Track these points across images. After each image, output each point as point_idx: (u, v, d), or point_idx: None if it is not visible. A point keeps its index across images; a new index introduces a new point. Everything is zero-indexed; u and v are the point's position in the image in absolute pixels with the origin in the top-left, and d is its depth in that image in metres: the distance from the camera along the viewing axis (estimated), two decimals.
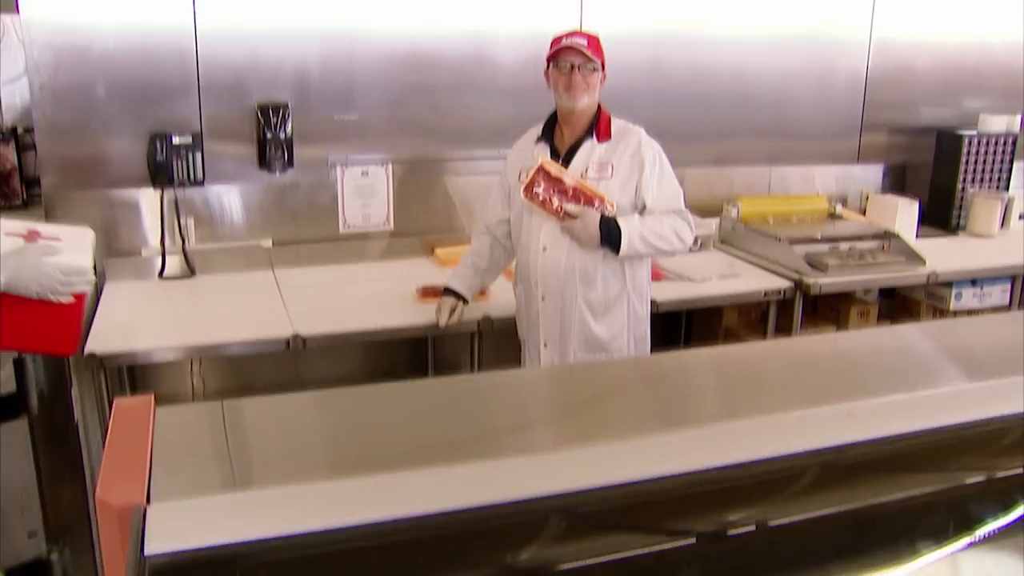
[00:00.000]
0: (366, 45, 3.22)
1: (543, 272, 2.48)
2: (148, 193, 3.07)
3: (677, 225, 2.45)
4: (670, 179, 2.48)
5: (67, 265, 1.99)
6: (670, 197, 2.47)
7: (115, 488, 0.88)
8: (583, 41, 2.41)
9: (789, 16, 3.93)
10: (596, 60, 2.40)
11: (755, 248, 3.55)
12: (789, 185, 4.09)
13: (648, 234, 2.41)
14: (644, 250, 2.44)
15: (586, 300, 2.47)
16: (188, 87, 3.05)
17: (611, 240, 2.39)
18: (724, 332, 3.72)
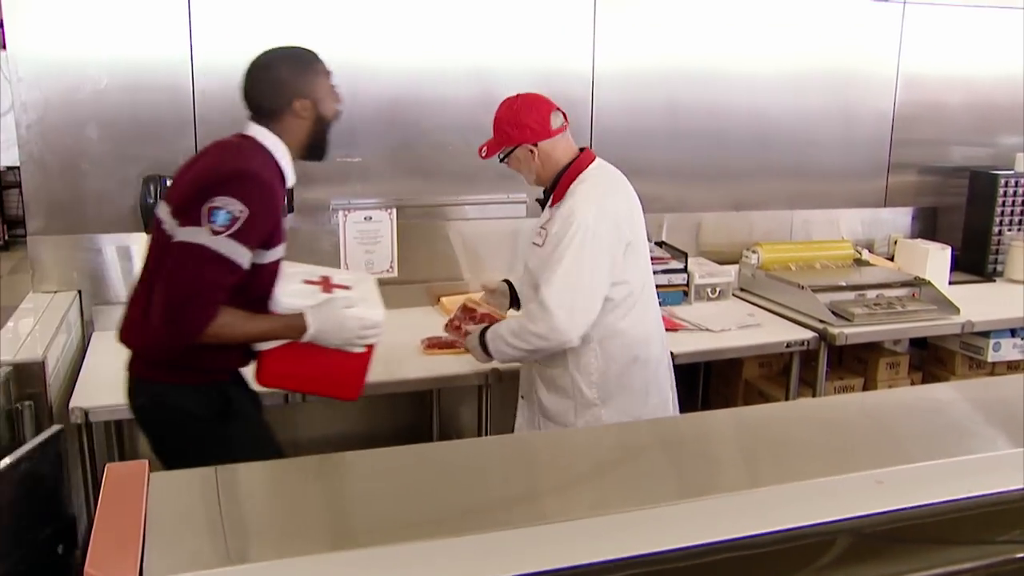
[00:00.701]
0: (368, 83, 3.27)
1: None
2: (140, 239, 3.10)
3: (527, 318, 2.30)
4: (556, 255, 2.25)
5: (365, 319, 2.14)
6: (542, 269, 2.28)
7: (106, 564, 0.88)
8: (491, 134, 2.41)
9: (811, 51, 3.97)
10: (501, 152, 2.39)
11: (777, 296, 3.56)
12: (812, 230, 4.11)
13: (508, 336, 2.34)
14: (512, 352, 2.37)
15: (537, 368, 2.48)
16: (184, 127, 3.10)
17: (486, 348, 2.41)
18: (744, 385, 3.73)
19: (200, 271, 1.93)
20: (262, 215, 1.97)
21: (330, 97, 2.16)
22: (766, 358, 3.69)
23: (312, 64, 2.15)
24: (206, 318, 1.94)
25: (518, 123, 2.35)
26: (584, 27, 3.57)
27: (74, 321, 3.00)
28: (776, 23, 3.89)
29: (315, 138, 2.16)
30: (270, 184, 2.03)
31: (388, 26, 3.28)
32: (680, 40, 3.75)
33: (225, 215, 1.91)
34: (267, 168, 2.06)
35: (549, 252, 2.28)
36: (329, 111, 2.16)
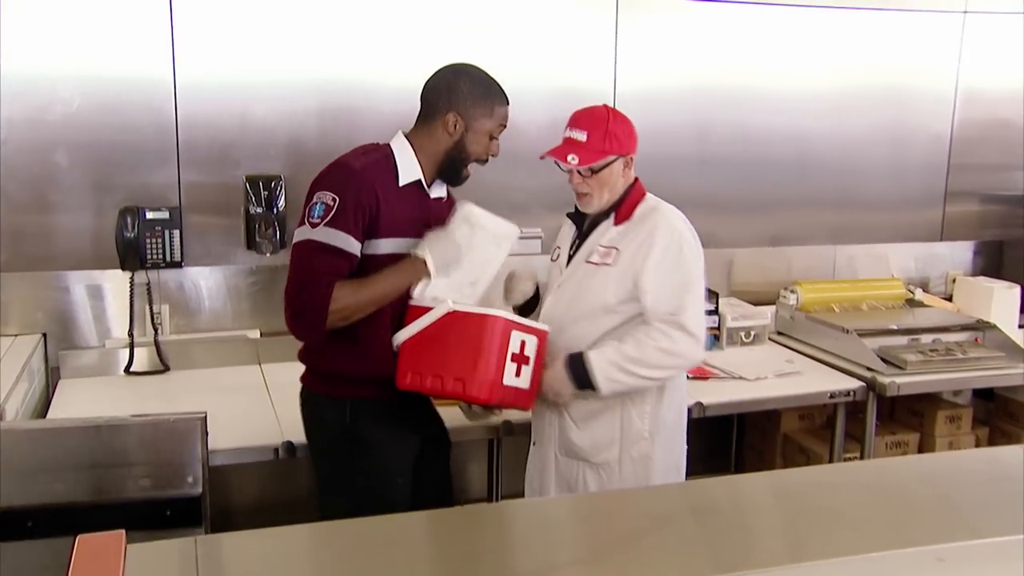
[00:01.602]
0: (370, 103, 3.31)
1: (547, 320, 2.48)
2: (115, 276, 3.13)
3: (666, 343, 2.30)
4: (679, 278, 2.34)
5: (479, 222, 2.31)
6: (667, 300, 2.32)
7: None
8: (581, 135, 2.37)
9: (857, 67, 3.99)
10: (598, 162, 2.35)
11: (818, 341, 3.56)
12: (858, 267, 4.12)
13: (626, 363, 2.29)
14: (632, 381, 2.31)
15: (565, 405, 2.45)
16: (165, 153, 3.14)
17: (584, 380, 2.31)
18: (783, 439, 3.71)
19: (309, 262, 2.21)
20: (355, 201, 2.21)
21: (484, 136, 2.35)
22: (807, 410, 3.67)
23: (491, 100, 2.36)
24: (322, 300, 2.18)
25: (630, 133, 2.41)
26: (605, 43, 3.62)
27: (37, 368, 3.01)
28: (817, 37, 3.92)
29: (450, 159, 2.35)
30: (361, 173, 2.25)
31: (393, 44, 3.33)
32: (710, 57, 3.79)
33: (320, 207, 2.21)
34: (369, 162, 2.30)
35: (664, 268, 2.33)
36: (474, 146, 2.35)
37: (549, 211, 2.64)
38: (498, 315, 2.18)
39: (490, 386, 2.18)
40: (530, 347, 2.24)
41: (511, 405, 2.30)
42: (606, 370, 2.29)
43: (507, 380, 2.21)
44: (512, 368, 2.21)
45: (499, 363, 2.18)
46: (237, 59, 3.17)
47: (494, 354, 2.17)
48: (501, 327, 2.18)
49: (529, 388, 2.26)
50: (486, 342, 2.17)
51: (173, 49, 3.11)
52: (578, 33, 3.58)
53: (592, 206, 2.42)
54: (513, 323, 2.22)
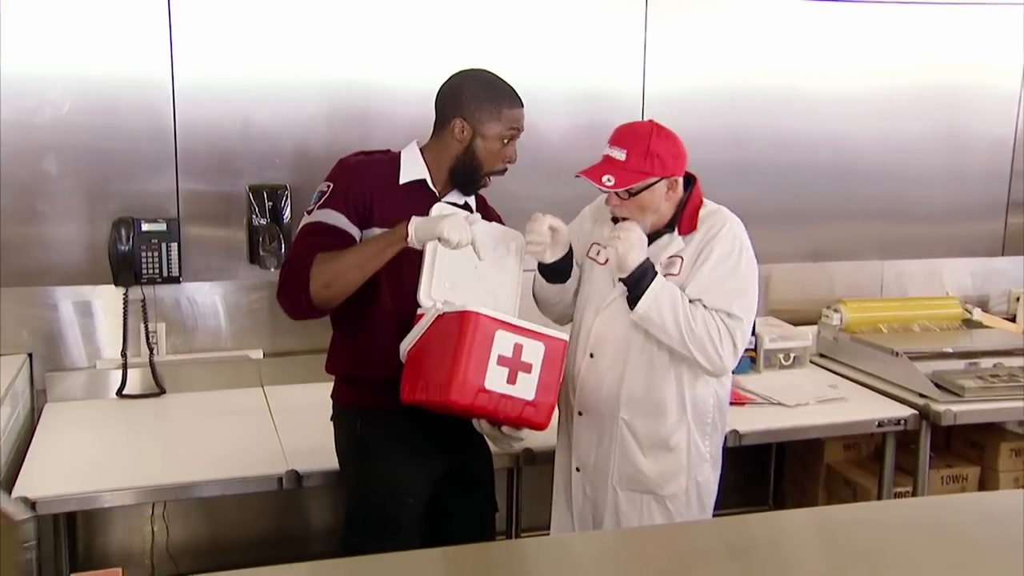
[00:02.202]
0: (384, 108, 3.34)
1: (584, 382, 2.50)
2: (107, 292, 3.16)
3: (714, 326, 2.33)
4: (734, 285, 2.38)
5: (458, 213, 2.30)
6: (723, 294, 2.36)
7: None
8: (620, 153, 2.35)
9: (908, 65, 3.97)
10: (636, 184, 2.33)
11: (865, 365, 3.55)
12: (909, 284, 4.10)
13: (679, 306, 2.31)
14: (663, 320, 2.32)
15: (629, 426, 2.46)
16: (163, 159, 3.16)
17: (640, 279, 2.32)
18: (827, 471, 3.70)
19: (300, 242, 2.39)
20: (347, 187, 2.38)
21: (495, 141, 2.40)
22: (853, 439, 3.66)
23: (498, 103, 2.41)
24: (304, 268, 2.31)
25: (676, 152, 2.39)
26: (633, 42, 3.63)
27: (22, 391, 3.03)
28: (864, 33, 3.91)
29: (462, 166, 2.43)
30: (356, 166, 2.45)
31: (408, 44, 3.35)
32: (747, 56, 3.79)
33: (315, 195, 2.41)
34: (368, 159, 2.48)
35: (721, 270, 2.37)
36: (485, 152, 2.41)
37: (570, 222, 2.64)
38: (478, 312, 2.17)
39: (468, 389, 2.15)
40: (532, 353, 2.21)
41: (515, 420, 2.25)
42: (662, 294, 2.31)
43: (493, 385, 2.17)
44: (500, 372, 2.18)
45: (478, 363, 2.15)
46: (240, 59, 3.20)
47: (471, 353, 2.14)
48: (477, 324, 2.16)
49: (535, 400, 2.22)
50: (464, 340, 2.15)
51: (171, 48, 3.14)
52: (604, 32, 3.59)
53: (642, 226, 2.39)
54: (500, 322, 2.19)
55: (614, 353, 2.44)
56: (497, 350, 2.17)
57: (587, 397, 2.49)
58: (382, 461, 2.44)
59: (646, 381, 2.43)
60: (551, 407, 2.26)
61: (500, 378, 2.18)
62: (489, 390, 2.17)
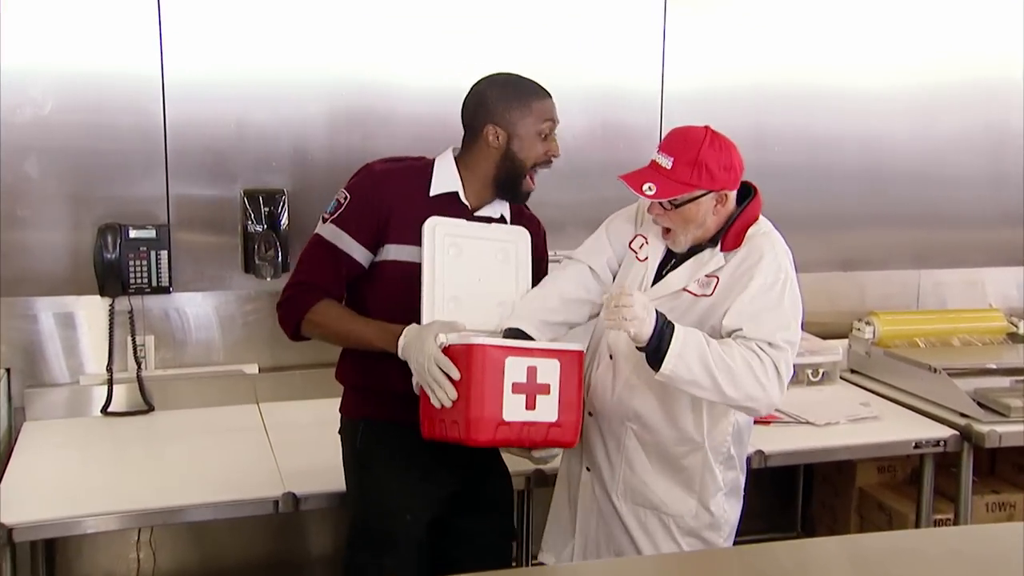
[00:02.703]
0: (389, 106, 3.35)
1: (597, 382, 2.50)
2: (92, 303, 3.17)
3: (756, 359, 2.25)
4: (777, 317, 2.31)
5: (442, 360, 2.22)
6: (764, 324, 2.29)
7: None
8: (667, 161, 2.29)
9: (945, 59, 3.97)
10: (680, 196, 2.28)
11: (900, 382, 3.55)
12: (947, 295, 4.11)
13: (709, 357, 2.21)
14: (699, 379, 2.23)
15: (639, 437, 2.46)
16: (152, 160, 3.17)
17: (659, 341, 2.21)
18: (859, 495, 3.70)
19: (311, 256, 2.47)
20: (363, 202, 2.42)
21: (533, 139, 2.44)
22: (888, 462, 3.65)
23: (525, 98, 2.45)
24: (305, 303, 2.42)
25: (728, 165, 2.32)
26: (651, 37, 3.65)
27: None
28: (898, 25, 3.92)
29: (504, 173, 2.46)
30: (379, 175, 2.47)
31: (415, 39, 3.36)
32: (771, 51, 3.81)
33: (334, 203, 2.46)
34: (397, 167, 2.50)
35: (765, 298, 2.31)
36: (525, 151, 2.44)
37: (587, 229, 2.62)
38: (484, 343, 2.20)
39: (487, 425, 2.18)
40: (547, 372, 2.24)
41: (541, 444, 2.29)
42: (686, 350, 2.21)
43: (512, 415, 2.20)
44: (517, 401, 2.20)
45: (493, 397, 2.18)
46: (235, 54, 3.21)
47: (484, 388, 2.17)
48: (487, 357, 2.18)
49: (559, 420, 2.25)
50: (474, 376, 2.18)
51: (161, 42, 3.15)
52: (620, 26, 3.60)
53: (678, 243, 2.37)
54: (508, 349, 2.22)
55: (635, 361, 2.38)
56: (510, 378, 2.19)
57: (598, 399, 2.49)
58: (380, 475, 2.47)
59: (662, 395, 2.40)
60: (577, 423, 2.29)
61: (519, 406, 2.20)
62: (509, 421, 2.20)
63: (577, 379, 2.28)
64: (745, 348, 2.26)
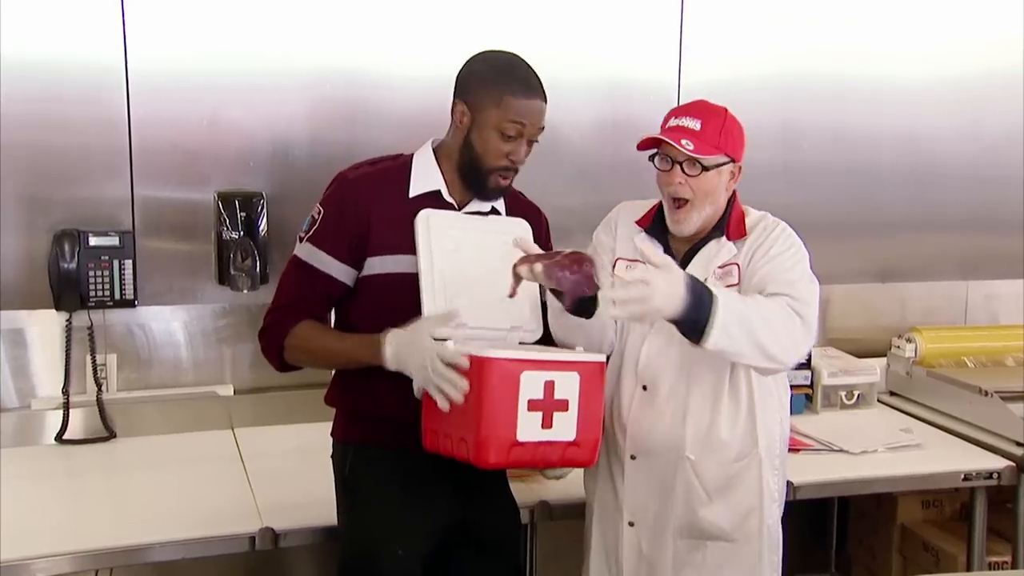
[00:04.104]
0: (378, 98, 3.36)
1: (637, 421, 2.50)
2: (46, 317, 3.17)
3: (788, 314, 2.31)
4: (795, 271, 2.44)
5: (446, 353, 2.19)
6: (784, 283, 2.39)
7: None
8: (694, 123, 2.42)
9: (996, 46, 3.98)
10: (710, 157, 2.40)
11: (945, 406, 3.55)
12: (999, 309, 4.12)
13: (751, 315, 2.24)
14: (742, 344, 2.24)
15: (695, 468, 2.48)
16: (114, 159, 3.17)
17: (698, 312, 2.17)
18: (901, 532, 3.69)
19: (287, 279, 2.51)
20: (337, 216, 2.43)
21: (492, 133, 2.39)
22: (933, 495, 3.65)
23: (503, 85, 2.39)
24: (284, 328, 2.45)
25: (742, 139, 2.50)
26: (668, 24, 3.66)
27: None
28: (940, 6, 3.93)
29: (465, 163, 2.44)
30: (352, 184, 2.46)
31: (407, 26, 3.37)
32: (801, 38, 3.82)
33: (308, 219, 2.48)
34: (372, 171, 2.50)
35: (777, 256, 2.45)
36: (482, 145, 2.40)
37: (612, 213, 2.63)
38: (497, 356, 2.17)
39: (499, 447, 2.16)
40: (566, 387, 2.22)
41: (557, 464, 2.31)
42: (728, 318, 2.19)
43: (527, 435, 2.18)
44: (533, 419, 2.18)
45: (507, 417, 2.16)
46: (207, 42, 3.22)
47: (497, 407, 2.15)
48: (501, 371, 2.16)
49: (577, 439, 2.23)
50: (486, 392, 2.15)
51: (124, 27, 3.16)
52: (632, 10, 3.62)
53: (690, 221, 2.45)
54: (524, 362, 2.19)
55: (671, 383, 2.47)
56: (526, 395, 2.17)
57: (643, 438, 2.49)
58: (368, 503, 2.48)
59: (712, 411, 2.46)
60: (596, 441, 2.29)
61: (534, 425, 2.18)
62: (523, 442, 2.18)
63: (599, 393, 2.28)
64: (773, 299, 2.33)
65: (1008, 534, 3.27)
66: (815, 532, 4.00)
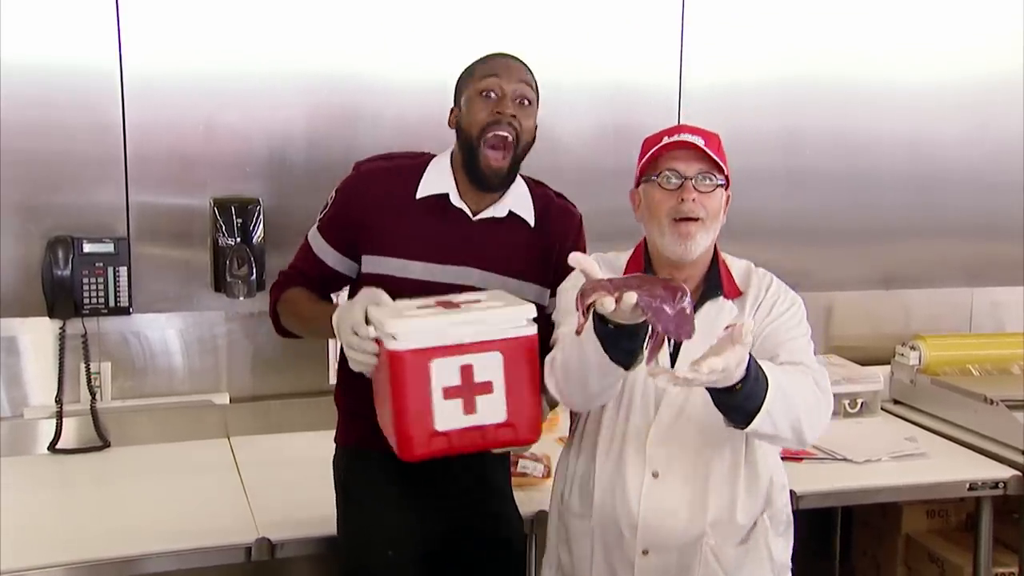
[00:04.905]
0: (378, 103, 3.35)
1: (649, 513, 2.27)
2: (40, 325, 3.16)
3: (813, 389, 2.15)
4: (803, 333, 2.30)
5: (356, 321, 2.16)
6: (799, 351, 2.25)
7: None
8: (696, 138, 2.21)
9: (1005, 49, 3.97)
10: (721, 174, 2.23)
11: (950, 414, 3.55)
12: (1004, 316, 4.12)
13: (793, 395, 2.05)
14: (778, 428, 2.05)
15: (716, 554, 2.28)
16: (109, 168, 3.17)
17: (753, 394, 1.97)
18: (906, 543, 3.69)
19: (299, 252, 2.60)
20: (342, 207, 2.48)
21: (475, 101, 2.39)
22: (938, 505, 3.64)
23: (472, 67, 2.44)
24: (279, 289, 2.56)
25: None
26: (668, 25, 3.66)
27: None
28: (944, 8, 3.92)
29: (464, 155, 2.42)
30: (362, 176, 2.52)
31: (407, 29, 3.37)
32: (804, 40, 3.82)
33: (327, 200, 2.54)
34: (386, 166, 2.53)
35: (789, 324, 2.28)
36: (471, 117, 2.39)
37: (598, 245, 2.59)
38: (400, 349, 2.07)
39: (417, 441, 2.10)
40: (487, 369, 2.11)
41: (491, 447, 2.19)
42: (775, 400, 2.00)
43: (447, 424, 2.09)
44: (452, 406, 2.09)
45: (419, 408, 2.08)
46: (203, 47, 3.22)
47: (409, 398, 2.08)
48: (405, 364, 2.08)
49: (508, 420, 2.13)
50: (395, 385, 2.09)
51: (119, 30, 3.15)
52: (632, 13, 3.61)
53: (697, 245, 2.20)
54: (433, 350, 2.08)
55: (688, 467, 2.26)
56: (439, 383, 2.09)
57: (657, 531, 2.27)
58: (360, 504, 2.50)
59: (732, 490, 2.28)
60: (533, 418, 2.17)
61: (455, 412, 2.09)
62: (444, 431, 2.11)
63: (530, 368, 2.14)
64: (800, 375, 2.16)
65: (1015, 545, 3.28)
66: (818, 542, 3.99)
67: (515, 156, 2.39)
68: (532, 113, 2.42)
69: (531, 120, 2.41)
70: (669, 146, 2.22)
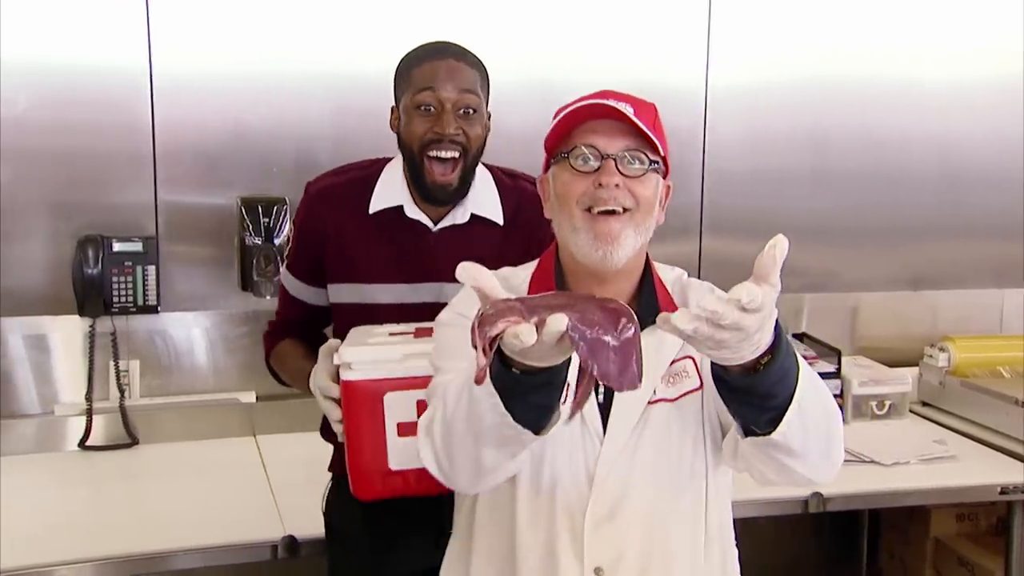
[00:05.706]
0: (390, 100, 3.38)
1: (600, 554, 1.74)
2: (70, 323, 3.21)
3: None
4: None
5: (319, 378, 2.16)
6: None
7: None
8: (624, 106, 1.71)
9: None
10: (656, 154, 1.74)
11: (980, 416, 3.54)
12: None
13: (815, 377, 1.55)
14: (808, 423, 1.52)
15: None
16: (139, 165, 3.21)
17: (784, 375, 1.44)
18: (935, 546, 3.68)
19: (279, 298, 2.57)
20: (301, 234, 2.39)
21: (410, 114, 2.20)
22: (968, 508, 3.63)
23: (408, 64, 2.27)
24: (269, 343, 2.54)
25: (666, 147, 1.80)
26: (695, 26, 3.67)
27: None
28: (975, 7, 3.91)
29: (410, 171, 2.24)
30: (314, 200, 2.37)
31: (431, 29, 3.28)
32: (831, 40, 3.82)
33: None
34: (336, 182, 2.38)
35: None
36: (407, 132, 2.22)
37: None
38: (353, 379, 1.97)
39: (371, 477, 2.01)
40: None
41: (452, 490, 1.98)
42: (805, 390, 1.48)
43: (401, 463, 1.96)
44: (406, 444, 1.90)
45: (373, 445, 1.97)
46: (231, 47, 3.25)
47: (363, 433, 1.98)
48: (357, 394, 1.98)
49: None
50: (349, 419, 2.02)
51: (149, 33, 3.19)
52: (658, 13, 3.62)
53: (621, 248, 1.70)
54: (386, 381, 1.95)
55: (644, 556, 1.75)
56: (393, 418, 1.96)
57: None
58: (341, 543, 2.46)
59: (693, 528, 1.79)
60: None
61: (411, 451, 1.76)
62: (398, 471, 1.98)
63: None
64: None
65: None
66: (845, 545, 3.98)
67: (465, 167, 2.20)
68: (479, 118, 2.21)
69: (478, 126, 2.20)
70: (584, 112, 1.72)
